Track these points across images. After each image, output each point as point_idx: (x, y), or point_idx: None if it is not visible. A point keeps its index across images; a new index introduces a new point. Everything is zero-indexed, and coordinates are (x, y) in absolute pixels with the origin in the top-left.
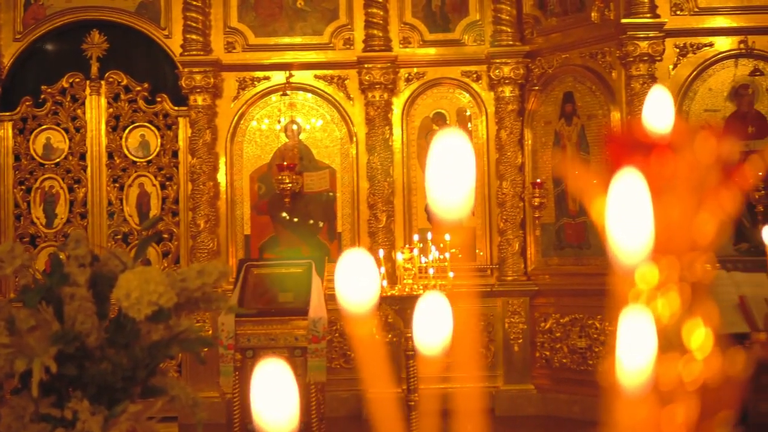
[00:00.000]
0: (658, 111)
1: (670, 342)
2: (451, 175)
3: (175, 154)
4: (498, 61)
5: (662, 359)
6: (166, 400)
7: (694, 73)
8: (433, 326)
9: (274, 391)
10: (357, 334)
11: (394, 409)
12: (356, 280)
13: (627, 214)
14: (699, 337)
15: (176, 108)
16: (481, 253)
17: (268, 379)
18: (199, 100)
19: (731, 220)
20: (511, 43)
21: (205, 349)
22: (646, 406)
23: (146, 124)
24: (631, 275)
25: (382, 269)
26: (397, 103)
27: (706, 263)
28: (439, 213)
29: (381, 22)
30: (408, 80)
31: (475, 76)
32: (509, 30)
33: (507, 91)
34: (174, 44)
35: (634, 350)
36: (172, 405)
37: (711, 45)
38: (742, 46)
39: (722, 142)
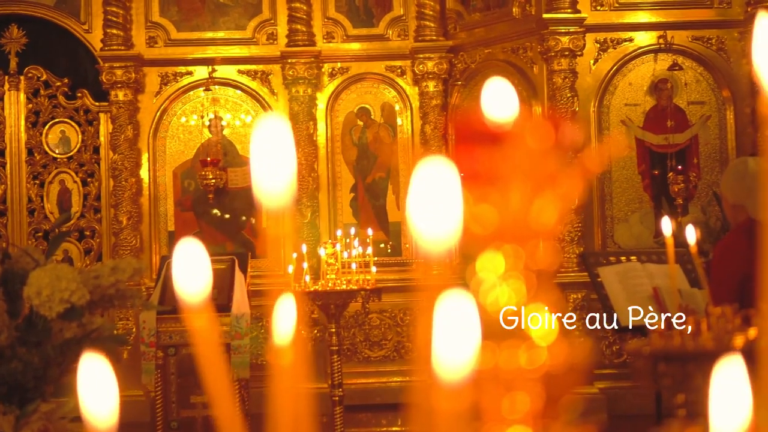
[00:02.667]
0: (498, 100)
1: (512, 329)
2: (274, 162)
3: (96, 150)
4: (422, 56)
5: (503, 346)
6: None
7: (615, 67)
8: (283, 322)
9: (98, 386)
10: (193, 327)
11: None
12: (188, 271)
13: (431, 202)
14: (543, 324)
15: (97, 103)
16: (407, 246)
17: (91, 374)
18: (121, 95)
19: (574, 206)
20: (434, 38)
21: (128, 347)
22: (469, 395)
23: (67, 119)
24: (433, 265)
25: (305, 264)
26: (321, 98)
27: (550, 250)
28: (264, 201)
29: (304, 16)
30: (332, 75)
31: (399, 71)
32: (432, 25)
33: (431, 85)
34: (94, 39)
35: (453, 339)
36: None
37: (631, 40)
38: (661, 41)
39: (563, 130)
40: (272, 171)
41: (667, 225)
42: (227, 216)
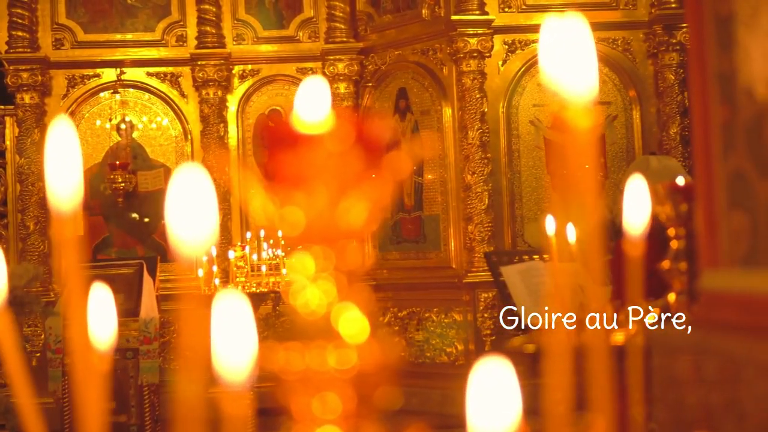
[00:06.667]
0: (309, 101)
1: (323, 330)
2: (63, 164)
3: (2, 155)
4: (332, 57)
5: (312, 347)
6: None
7: (523, 68)
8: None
9: None
10: None
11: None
12: None
13: (186, 206)
14: (353, 324)
15: (3, 107)
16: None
17: None
18: (27, 98)
19: (384, 207)
20: (345, 39)
21: (37, 354)
22: (252, 398)
23: None
24: (192, 265)
25: (215, 267)
26: (232, 101)
27: (361, 250)
28: (55, 203)
29: (214, 18)
30: (242, 77)
31: (310, 72)
32: (343, 27)
33: (342, 87)
34: None
35: (230, 342)
36: None
37: (537, 41)
38: None
39: (369, 129)
40: (60, 177)
41: (550, 223)
42: (146, 219)
